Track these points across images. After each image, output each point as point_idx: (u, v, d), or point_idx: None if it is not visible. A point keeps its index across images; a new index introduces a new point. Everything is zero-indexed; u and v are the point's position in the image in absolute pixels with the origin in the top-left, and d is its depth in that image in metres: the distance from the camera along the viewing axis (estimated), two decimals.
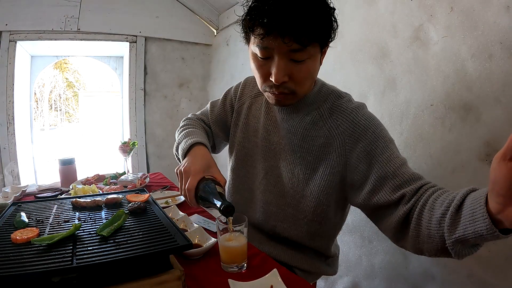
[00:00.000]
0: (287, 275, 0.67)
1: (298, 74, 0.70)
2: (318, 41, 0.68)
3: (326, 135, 0.78)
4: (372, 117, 0.77)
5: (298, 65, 0.69)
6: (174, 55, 2.28)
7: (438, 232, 0.56)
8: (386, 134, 0.75)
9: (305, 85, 0.74)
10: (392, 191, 0.67)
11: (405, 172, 0.68)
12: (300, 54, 0.67)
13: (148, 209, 0.77)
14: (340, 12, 1.35)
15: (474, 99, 0.93)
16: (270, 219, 0.88)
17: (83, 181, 1.37)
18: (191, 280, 0.66)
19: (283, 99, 0.75)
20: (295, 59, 0.68)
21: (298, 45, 0.65)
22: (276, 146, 0.86)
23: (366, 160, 0.71)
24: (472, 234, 0.49)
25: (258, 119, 0.92)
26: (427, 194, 0.63)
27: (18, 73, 1.85)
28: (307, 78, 0.73)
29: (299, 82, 0.71)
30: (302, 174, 0.81)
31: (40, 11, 1.80)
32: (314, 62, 0.71)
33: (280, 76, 0.69)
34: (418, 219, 0.61)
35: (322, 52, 0.73)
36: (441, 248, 0.57)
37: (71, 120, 11.93)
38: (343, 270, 1.38)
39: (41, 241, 0.56)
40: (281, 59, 0.68)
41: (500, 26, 0.86)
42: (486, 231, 0.47)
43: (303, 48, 0.66)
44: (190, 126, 0.99)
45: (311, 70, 0.72)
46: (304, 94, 0.77)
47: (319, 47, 0.70)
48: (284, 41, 0.65)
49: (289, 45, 0.65)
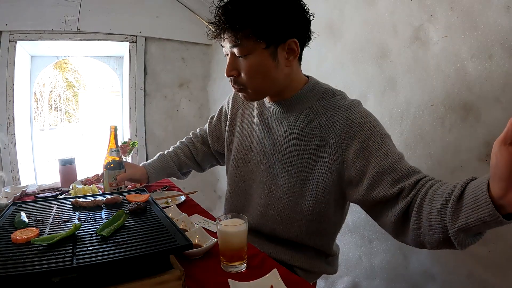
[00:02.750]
0: (287, 275, 0.67)
1: (243, 70, 0.76)
2: (254, 35, 0.71)
3: (322, 133, 0.78)
4: (367, 113, 0.77)
5: (243, 61, 0.75)
6: (174, 55, 2.28)
7: (440, 222, 0.56)
8: (382, 130, 0.75)
9: (255, 81, 0.77)
10: (391, 186, 0.67)
11: (403, 166, 0.68)
12: (239, 49, 0.74)
13: (148, 209, 0.77)
14: (340, 12, 1.36)
15: (474, 99, 0.93)
16: (268, 222, 0.88)
17: (83, 181, 1.36)
18: (191, 280, 0.66)
19: (244, 94, 0.82)
20: (237, 55, 0.75)
21: (233, 40, 0.73)
22: (271, 148, 0.87)
23: (363, 156, 0.72)
24: (476, 222, 0.49)
25: (251, 124, 0.93)
26: (426, 186, 0.63)
27: (18, 73, 1.85)
28: (253, 74, 0.76)
29: (246, 77, 0.77)
30: (299, 173, 0.81)
31: (40, 11, 1.79)
32: (257, 58, 0.74)
33: (227, 70, 0.78)
34: (419, 212, 0.61)
35: (278, 49, 0.74)
36: (443, 239, 0.57)
37: (71, 120, 11.93)
38: (343, 270, 1.38)
39: (41, 241, 0.56)
40: (230, 55, 0.77)
41: (500, 26, 0.86)
42: (490, 217, 0.47)
43: (238, 43, 0.72)
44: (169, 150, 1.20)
45: (254, 67, 0.75)
46: (261, 91, 0.81)
47: (262, 43, 0.72)
48: (223, 37, 0.75)
49: (228, 41, 0.74)
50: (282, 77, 0.79)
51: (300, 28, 0.76)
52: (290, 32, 0.74)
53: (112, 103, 2.83)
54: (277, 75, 0.78)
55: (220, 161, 1.19)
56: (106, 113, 5.86)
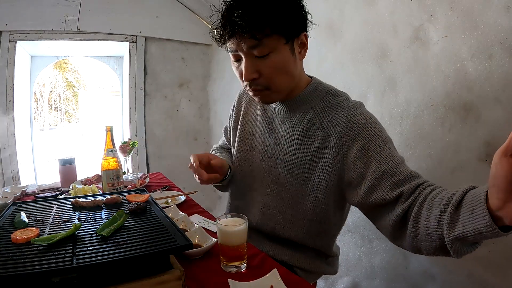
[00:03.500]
0: (287, 275, 0.67)
1: (266, 70, 0.73)
2: (275, 32, 0.69)
3: (324, 134, 0.78)
4: (369, 115, 0.77)
5: (264, 61, 0.72)
6: (174, 55, 2.28)
7: (437, 230, 0.56)
8: (384, 133, 0.74)
9: (278, 79, 0.75)
10: (390, 190, 0.67)
11: (403, 170, 0.68)
12: (260, 49, 0.70)
13: (148, 209, 0.77)
14: (340, 12, 1.36)
15: (474, 99, 0.93)
16: (269, 221, 0.88)
17: (83, 181, 1.37)
18: (191, 280, 0.66)
19: (262, 96, 0.78)
20: (258, 55, 0.71)
21: (253, 41, 0.69)
22: (273, 148, 0.87)
23: (363, 159, 0.71)
24: (472, 232, 0.49)
25: (254, 123, 0.93)
26: (425, 192, 0.62)
27: (18, 73, 1.85)
28: (277, 72, 0.74)
29: (269, 77, 0.74)
30: (300, 174, 0.81)
31: (40, 11, 1.79)
32: (279, 55, 0.72)
33: (248, 74, 0.73)
34: (416, 217, 0.61)
35: (294, 44, 0.74)
36: (440, 247, 0.57)
37: (71, 120, 11.93)
38: (343, 270, 1.38)
39: (41, 241, 0.56)
40: (246, 57, 0.73)
41: (500, 26, 0.86)
42: (486, 228, 0.47)
43: (259, 43, 0.69)
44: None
45: (278, 64, 0.73)
46: (283, 89, 0.78)
47: (282, 39, 0.71)
48: (240, 40, 0.70)
49: (246, 43, 0.70)
50: (298, 73, 0.79)
51: (306, 22, 0.77)
52: (302, 25, 0.75)
53: (112, 103, 2.83)
54: (296, 71, 0.78)
55: None
56: (106, 113, 5.86)
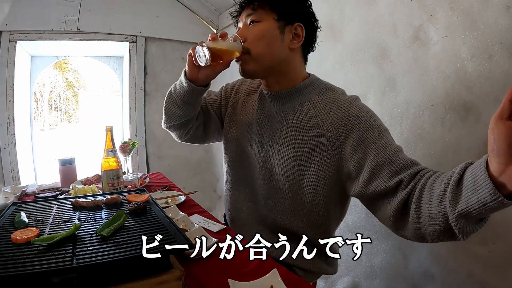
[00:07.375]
0: (287, 275, 0.67)
1: (251, 35, 0.81)
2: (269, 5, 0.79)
3: (320, 125, 0.79)
4: (365, 107, 0.78)
5: (253, 27, 0.81)
6: (174, 55, 2.28)
7: (440, 210, 0.55)
8: (380, 123, 0.75)
9: (258, 46, 0.80)
10: (389, 178, 0.67)
11: (401, 158, 0.68)
12: (252, 17, 0.81)
13: (148, 209, 0.77)
14: (340, 12, 1.36)
15: (474, 99, 0.93)
16: (271, 213, 0.89)
17: (83, 181, 1.37)
18: (191, 280, 0.66)
19: (243, 61, 0.82)
20: (250, 21, 0.82)
21: (251, 10, 0.82)
22: (269, 140, 0.87)
23: (360, 149, 0.72)
24: (476, 204, 0.48)
25: (251, 115, 0.94)
26: (425, 177, 0.62)
27: (18, 73, 1.85)
28: (258, 39, 0.80)
29: (251, 41, 0.81)
30: (297, 166, 0.82)
31: (40, 11, 1.80)
32: (266, 26, 0.80)
33: (238, 34, 0.83)
34: (418, 202, 0.61)
35: (286, 29, 0.80)
36: (444, 229, 0.56)
37: (71, 120, 11.93)
38: (343, 270, 1.38)
39: (41, 241, 0.56)
40: (243, 25, 0.84)
41: (500, 26, 0.86)
42: (490, 197, 0.46)
43: (253, 12, 0.81)
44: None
45: (261, 32, 0.80)
46: (262, 60, 0.81)
47: (273, 14, 0.80)
48: (242, 9, 0.84)
49: (246, 11, 0.83)
50: (283, 55, 0.82)
51: (307, 17, 0.83)
52: (299, 15, 0.81)
53: (112, 103, 2.83)
54: (279, 49, 0.81)
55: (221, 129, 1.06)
56: (106, 113, 5.85)
